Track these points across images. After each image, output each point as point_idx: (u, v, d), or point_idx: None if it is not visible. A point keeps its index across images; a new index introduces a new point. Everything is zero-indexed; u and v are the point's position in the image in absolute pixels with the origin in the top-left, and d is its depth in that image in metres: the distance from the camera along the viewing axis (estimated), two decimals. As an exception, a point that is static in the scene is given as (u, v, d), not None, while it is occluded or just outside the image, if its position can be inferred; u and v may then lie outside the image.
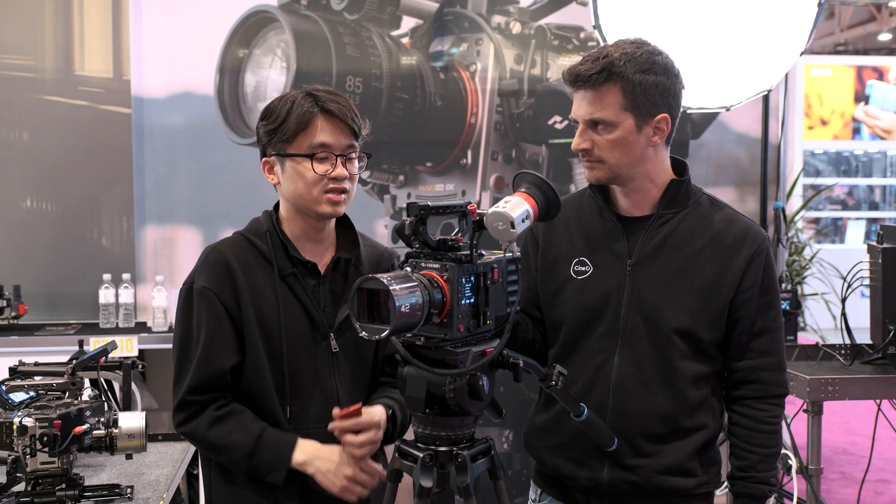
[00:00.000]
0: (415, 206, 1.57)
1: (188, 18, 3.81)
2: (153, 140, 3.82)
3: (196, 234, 3.83)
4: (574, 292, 1.96)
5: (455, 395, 1.58)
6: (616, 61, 1.82)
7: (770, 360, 1.94)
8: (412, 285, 1.53)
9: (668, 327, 1.89)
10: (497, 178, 3.86)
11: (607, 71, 1.82)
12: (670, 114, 1.89)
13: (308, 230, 1.93)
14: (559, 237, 2.01)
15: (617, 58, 1.83)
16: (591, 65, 1.84)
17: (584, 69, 1.84)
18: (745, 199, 4.03)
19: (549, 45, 3.89)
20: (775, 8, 3.43)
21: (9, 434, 1.98)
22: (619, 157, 1.87)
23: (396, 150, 3.82)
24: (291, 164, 1.86)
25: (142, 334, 3.70)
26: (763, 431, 1.93)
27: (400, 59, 3.83)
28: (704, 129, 4.01)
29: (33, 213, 4.04)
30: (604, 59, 1.83)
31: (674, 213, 1.94)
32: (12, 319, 3.81)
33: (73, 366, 2.29)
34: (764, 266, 1.92)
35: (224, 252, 1.90)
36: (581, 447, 1.94)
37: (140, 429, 2.04)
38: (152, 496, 2.12)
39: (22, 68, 4.02)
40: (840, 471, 5.14)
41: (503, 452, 3.84)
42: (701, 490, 1.95)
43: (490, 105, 3.87)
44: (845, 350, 3.34)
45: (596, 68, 1.83)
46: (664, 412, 1.91)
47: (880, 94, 9.75)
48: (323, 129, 1.84)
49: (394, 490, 1.71)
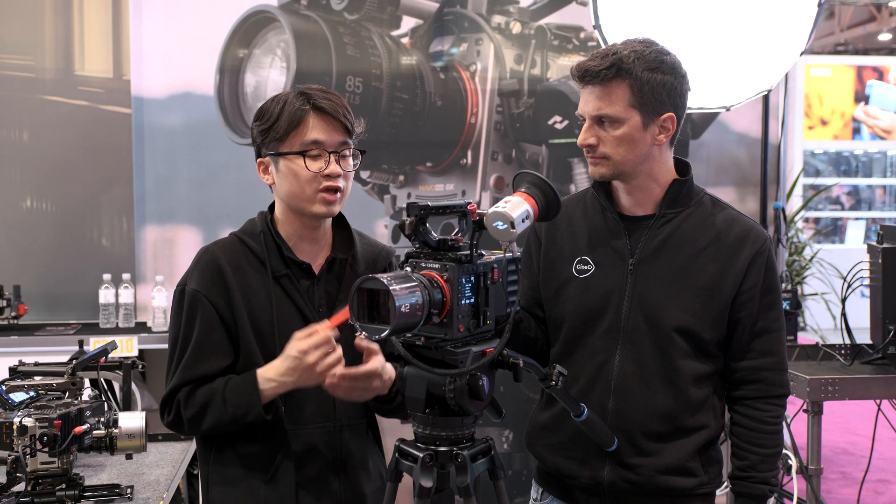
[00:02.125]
0: (415, 206, 1.57)
1: (188, 18, 3.80)
2: (153, 140, 3.82)
3: (196, 234, 3.84)
4: (576, 291, 1.97)
5: (455, 395, 1.58)
6: (625, 58, 1.83)
7: (771, 360, 1.94)
8: (412, 285, 1.53)
9: (669, 326, 1.89)
10: (497, 178, 3.86)
11: (616, 67, 1.83)
12: (676, 114, 1.90)
13: (303, 231, 1.92)
14: (562, 236, 2.01)
15: (626, 55, 1.84)
16: (600, 61, 1.85)
17: (593, 65, 1.85)
18: (745, 199, 4.03)
19: (549, 45, 3.89)
20: (775, 8, 3.43)
21: (9, 434, 1.98)
22: (624, 153, 1.87)
23: (396, 150, 3.82)
24: (285, 163, 1.85)
25: (142, 334, 3.70)
26: (764, 431, 1.93)
27: (400, 59, 3.83)
28: (704, 129, 4.01)
29: (33, 213, 4.04)
30: (613, 56, 1.84)
31: (676, 213, 1.94)
32: (12, 319, 3.81)
33: (73, 366, 2.29)
34: (766, 266, 1.93)
35: (216, 254, 1.90)
36: (582, 446, 1.94)
37: (140, 429, 2.04)
38: (152, 496, 2.12)
39: (22, 68, 4.02)
40: (840, 471, 5.14)
41: (503, 452, 3.84)
42: (702, 490, 1.95)
43: (490, 105, 3.87)
44: (845, 350, 3.34)
45: (605, 64, 1.84)
46: (665, 411, 1.91)
47: (880, 94, 9.76)
48: (315, 127, 1.84)
49: (394, 490, 1.71)
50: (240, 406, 1.80)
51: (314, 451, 1.89)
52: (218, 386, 1.83)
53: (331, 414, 1.90)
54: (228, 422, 1.82)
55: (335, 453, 1.91)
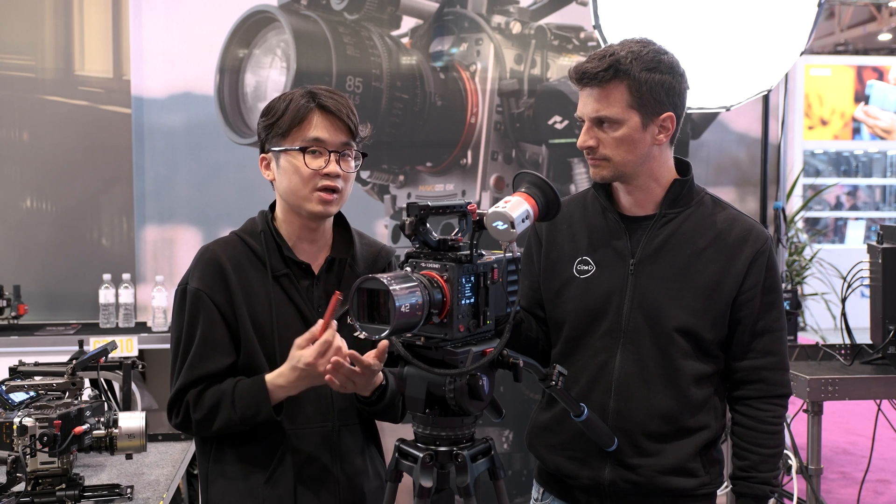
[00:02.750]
0: (415, 206, 1.57)
1: (188, 18, 3.80)
2: (153, 140, 3.82)
3: (196, 234, 3.84)
4: (576, 291, 1.96)
5: (455, 395, 1.58)
6: (622, 59, 1.83)
7: (772, 360, 1.94)
8: (412, 285, 1.53)
9: (670, 326, 1.89)
10: (497, 178, 3.86)
11: (614, 68, 1.83)
12: (675, 113, 1.89)
13: (302, 230, 1.92)
14: (562, 236, 2.01)
15: (623, 56, 1.84)
16: (597, 62, 1.85)
17: (590, 67, 1.85)
18: (745, 199, 4.03)
19: (549, 45, 3.89)
20: (775, 8, 3.43)
21: (9, 434, 1.98)
22: (625, 154, 1.87)
23: (396, 150, 3.82)
24: (286, 159, 1.86)
25: (142, 334, 3.70)
26: (765, 431, 1.93)
27: (400, 59, 3.83)
28: (704, 129, 4.01)
29: (33, 213, 4.04)
30: (610, 57, 1.84)
31: (677, 213, 1.94)
32: (12, 319, 3.81)
33: (73, 366, 2.29)
34: (766, 266, 1.92)
35: (217, 252, 1.90)
36: (583, 447, 1.94)
37: (140, 429, 2.03)
38: (152, 496, 2.12)
39: (22, 68, 4.02)
40: (840, 471, 5.14)
41: (503, 452, 3.84)
42: (703, 490, 1.95)
43: (490, 105, 3.87)
44: (845, 350, 3.34)
45: (602, 66, 1.84)
46: (666, 411, 1.91)
47: (880, 94, 9.76)
48: (318, 125, 1.84)
49: (394, 490, 1.71)
50: (250, 406, 1.80)
51: (313, 451, 1.89)
52: (227, 387, 1.83)
53: (329, 414, 1.90)
54: (238, 422, 1.82)
55: (334, 453, 1.91)
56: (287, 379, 1.78)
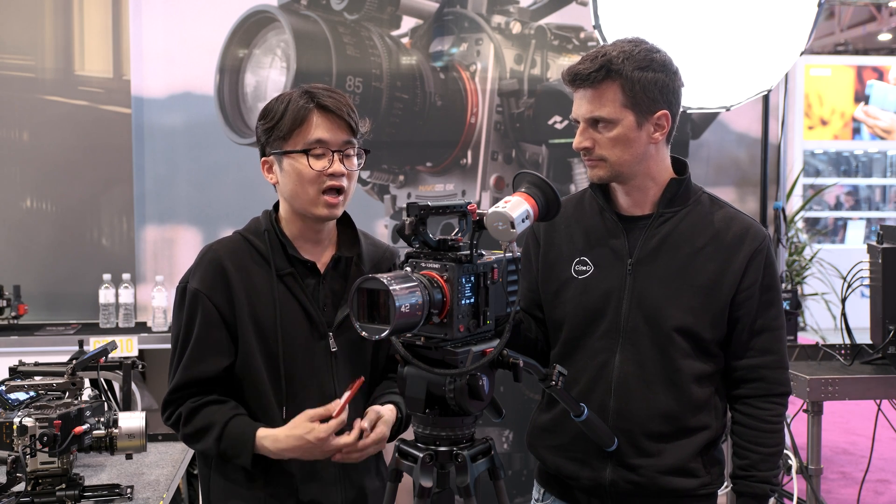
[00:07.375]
0: (415, 206, 1.57)
1: (188, 18, 3.81)
2: (153, 140, 3.82)
3: (196, 234, 3.84)
4: (575, 292, 1.96)
5: (455, 395, 1.58)
6: (614, 59, 1.83)
7: (771, 359, 1.94)
8: (412, 285, 1.53)
9: (669, 326, 1.89)
10: (497, 178, 3.86)
11: (606, 69, 1.83)
12: (670, 110, 1.89)
13: (306, 231, 1.92)
14: (560, 237, 2.01)
15: (615, 56, 1.84)
16: (589, 63, 1.85)
17: (582, 68, 1.85)
18: (745, 199, 4.03)
19: (549, 45, 3.89)
20: (775, 8, 3.43)
21: (9, 434, 1.99)
22: (621, 154, 1.87)
23: (396, 150, 3.82)
24: (289, 162, 1.85)
25: (142, 334, 3.70)
26: (765, 430, 1.93)
27: (400, 59, 3.83)
28: (704, 129, 4.01)
29: (33, 213, 4.04)
30: (602, 58, 1.84)
31: (674, 212, 1.94)
32: (12, 319, 3.81)
33: (73, 366, 2.29)
34: (765, 264, 1.92)
35: (219, 252, 1.90)
36: (583, 447, 1.94)
37: (140, 429, 2.04)
38: (152, 496, 2.12)
39: (22, 68, 4.02)
40: (840, 471, 5.14)
41: (503, 452, 3.84)
42: (704, 490, 1.95)
43: (490, 105, 3.87)
44: (845, 350, 3.34)
45: (594, 67, 1.84)
46: (666, 411, 1.90)
47: (880, 94, 9.75)
48: (319, 125, 1.83)
49: (394, 490, 1.71)
50: (233, 447, 1.83)
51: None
52: (219, 418, 1.84)
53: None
54: (217, 455, 1.86)
55: (334, 453, 1.90)
56: (281, 446, 1.79)
